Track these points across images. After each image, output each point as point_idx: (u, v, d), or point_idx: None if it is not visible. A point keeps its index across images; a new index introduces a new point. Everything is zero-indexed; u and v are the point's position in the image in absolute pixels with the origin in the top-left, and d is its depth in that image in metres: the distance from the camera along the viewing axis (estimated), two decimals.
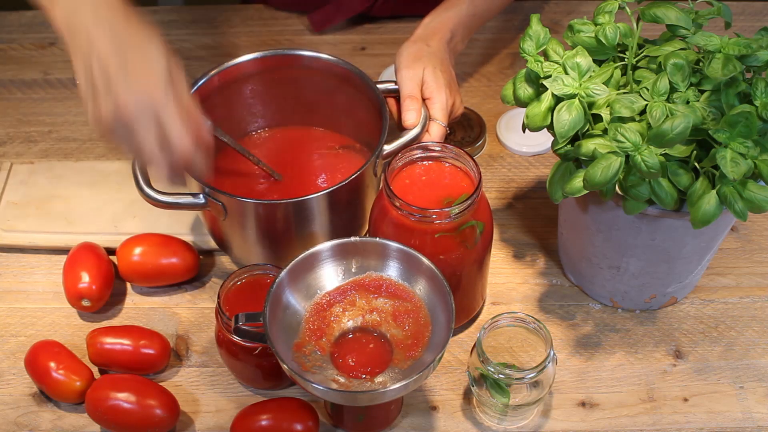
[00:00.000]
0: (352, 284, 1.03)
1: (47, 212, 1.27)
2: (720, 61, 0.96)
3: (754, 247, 1.25)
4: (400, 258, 1.02)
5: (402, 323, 1.01)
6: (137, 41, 0.89)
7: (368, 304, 1.02)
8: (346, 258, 1.03)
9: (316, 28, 1.52)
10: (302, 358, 0.98)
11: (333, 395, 0.95)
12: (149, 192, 1.08)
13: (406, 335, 1.00)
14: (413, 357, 0.98)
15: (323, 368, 0.98)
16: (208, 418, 1.09)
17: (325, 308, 1.02)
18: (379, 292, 1.03)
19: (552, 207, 1.17)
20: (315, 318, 1.01)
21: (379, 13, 1.53)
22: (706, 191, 0.94)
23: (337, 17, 1.52)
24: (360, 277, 1.03)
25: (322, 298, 1.02)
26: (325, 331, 1.01)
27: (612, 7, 1.03)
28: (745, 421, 1.08)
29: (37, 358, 1.09)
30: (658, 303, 1.17)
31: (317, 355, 0.99)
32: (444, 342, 0.95)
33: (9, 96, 1.46)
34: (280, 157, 1.25)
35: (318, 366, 0.98)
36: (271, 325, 0.96)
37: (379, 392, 0.93)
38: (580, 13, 1.53)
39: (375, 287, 1.03)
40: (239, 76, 1.22)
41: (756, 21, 1.54)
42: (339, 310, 1.02)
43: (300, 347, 0.99)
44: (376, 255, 1.02)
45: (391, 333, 1.01)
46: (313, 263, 1.02)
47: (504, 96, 1.07)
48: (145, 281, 1.20)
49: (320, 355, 0.99)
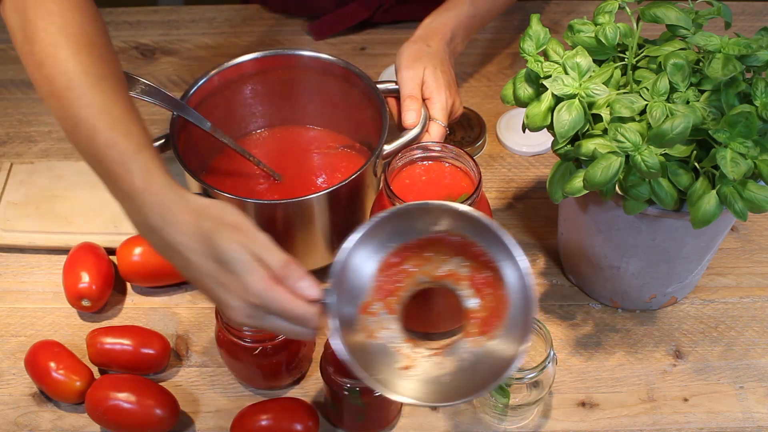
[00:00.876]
0: (428, 240, 0.94)
1: (47, 212, 1.27)
2: (720, 61, 0.96)
3: (754, 247, 1.25)
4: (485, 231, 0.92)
5: (481, 292, 0.94)
6: (216, 244, 0.87)
7: (445, 261, 0.95)
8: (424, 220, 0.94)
9: (317, 38, 1.52)
10: (367, 320, 0.93)
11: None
12: None
13: (483, 305, 0.94)
14: (488, 337, 0.92)
15: (390, 331, 0.93)
16: (208, 418, 1.09)
17: (398, 264, 0.95)
18: (460, 252, 0.94)
19: (552, 207, 1.17)
20: (384, 275, 0.94)
21: (379, 20, 1.53)
22: (706, 191, 0.94)
23: (337, 27, 1.52)
24: (439, 233, 0.94)
25: (394, 252, 0.94)
26: (396, 288, 0.95)
27: (612, 7, 1.03)
28: (745, 421, 1.08)
29: (37, 358, 1.09)
30: (658, 303, 1.17)
31: (384, 317, 0.93)
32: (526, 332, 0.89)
33: (9, 96, 1.46)
34: (280, 157, 1.25)
35: (384, 329, 0.93)
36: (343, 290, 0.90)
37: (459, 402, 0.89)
38: (580, 13, 1.53)
39: (457, 246, 0.94)
40: (239, 76, 1.22)
41: (756, 21, 1.54)
42: (413, 266, 0.95)
43: (366, 308, 0.93)
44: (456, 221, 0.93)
45: (467, 298, 0.94)
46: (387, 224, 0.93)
47: (504, 96, 1.07)
48: (145, 281, 1.20)
49: (387, 316, 0.94)
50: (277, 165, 1.23)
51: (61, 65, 0.90)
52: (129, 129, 0.89)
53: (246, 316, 0.87)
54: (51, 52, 0.90)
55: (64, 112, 0.90)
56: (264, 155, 1.25)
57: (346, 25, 1.52)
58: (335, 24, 1.52)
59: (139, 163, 0.88)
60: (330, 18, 1.51)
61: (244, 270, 0.85)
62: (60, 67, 0.90)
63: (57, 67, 0.90)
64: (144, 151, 0.89)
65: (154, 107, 1.11)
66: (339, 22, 1.51)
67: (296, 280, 0.87)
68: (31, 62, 0.92)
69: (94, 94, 0.89)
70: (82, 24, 0.92)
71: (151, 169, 0.88)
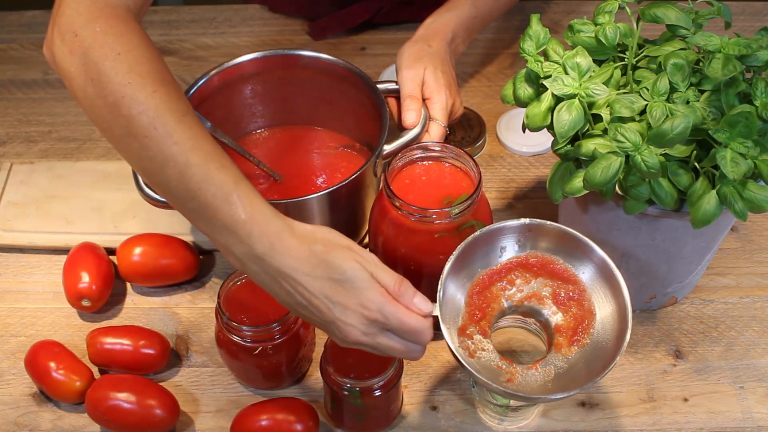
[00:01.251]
0: (513, 264, 1.01)
1: (47, 212, 1.27)
2: (720, 61, 0.96)
3: (754, 247, 1.25)
4: (560, 240, 1.00)
5: (565, 306, 0.99)
6: (333, 264, 0.89)
7: (528, 283, 1.01)
8: (509, 239, 1.01)
9: (316, 38, 1.52)
10: (466, 342, 0.97)
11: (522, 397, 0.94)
12: (149, 192, 1.08)
13: (568, 319, 0.99)
14: (578, 345, 0.97)
15: (487, 352, 0.97)
16: (208, 418, 1.10)
17: (485, 288, 1.00)
18: (541, 272, 1.01)
19: (552, 207, 1.16)
20: (475, 298, 1.00)
21: (380, 21, 1.53)
22: (706, 191, 0.94)
23: (338, 27, 1.52)
24: (521, 256, 1.01)
25: (481, 279, 1.00)
26: (486, 312, 0.99)
27: (612, 7, 1.03)
28: (745, 421, 1.08)
29: (37, 358, 1.09)
30: (658, 303, 1.17)
31: (480, 340, 0.98)
32: (624, 331, 0.94)
33: (9, 96, 1.46)
34: (280, 157, 1.25)
35: (482, 350, 0.97)
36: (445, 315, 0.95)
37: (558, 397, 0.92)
38: (580, 13, 1.53)
39: (537, 266, 1.01)
40: (239, 76, 1.22)
41: (756, 21, 1.54)
42: (498, 289, 1.00)
43: (463, 331, 0.98)
44: (539, 237, 1.01)
45: (552, 315, 0.99)
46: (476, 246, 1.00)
47: (504, 96, 1.07)
48: (145, 281, 1.20)
49: (482, 338, 0.98)
50: (277, 165, 1.23)
51: (142, 105, 0.88)
52: (222, 162, 0.89)
53: (362, 333, 0.89)
54: (128, 93, 0.88)
55: (149, 151, 0.89)
56: (264, 155, 1.25)
57: (346, 26, 1.52)
58: (335, 25, 1.52)
59: (240, 194, 0.88)
60: (330, 19, 1.51)
61: (364, 287, 0.88)
62: (140, 107, 0.88)
63: (137, 107, 0.88)
64: (241, 183, 0.89)
65: None
66: (339, 23, 1.52)
67: (411, 296, 0.90)
68: (102, 105, 0.89)
69: (181, 131, 0.88)
70: (151, 61, 0.91)
71: (253, 199, 0.89)
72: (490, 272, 1.01)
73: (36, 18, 1.58)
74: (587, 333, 0.98)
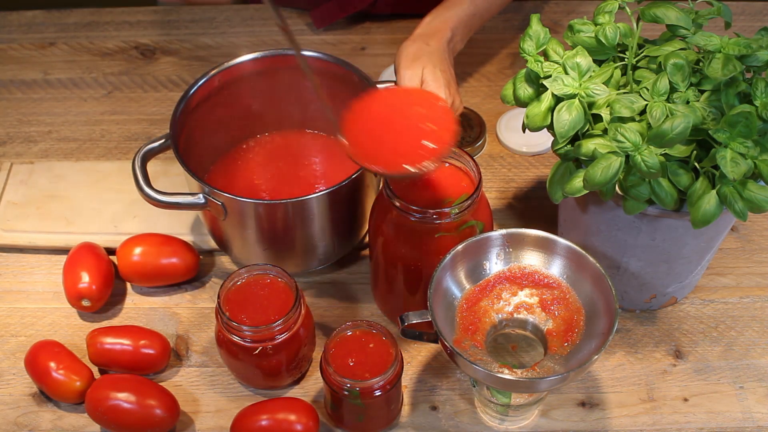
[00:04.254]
0: (497, 277, 1.03)
1: (47, 212, 1.27)
2: (720, 61, 0.96)
3: (754, 247, 1.25)
4: (538, 246, 1.03)
5: (551, 311, 1.02)
6: None
7: (514, 295, 1.03)
8: (488, 253, 1.04)
9: (318, 25, 1.52)
10: (464, 352, 0.98)
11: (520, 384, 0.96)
12: (149, 192, 1.09)
13: (557, 322, 1.01)
14: (571, 342, 0.99)
15: (485, 362, 0.98)
16: (208, 418, 1.10)
17: (474, 303, 1.02)
18: (524, 283, 1.03)
19: (552, 207, 1.16)
20: (466, 313, 1.02)
21: (381, 10, 1.53)
22: (706, 191, 0.94)
23: (339, 14, 1.52)
24: (503, 269, 1.04)
25: (470, 293, 1.03)
26: (478, 326, 1.01)
27: (612, 7, 1.03)
28: (745, 421, 1.08)
29: (37, 358, 1.09)
30: (658, 303, 1.17)
31: (476, 350, 0.99)
32: (610, 325, 0.96)
33: (9, 96, 1.46)
34: (279, 156, 1.25)
35: (479, 360, 0.98)
36: (439, 321, 0.97)
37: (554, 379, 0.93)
38: (580, 13, 1.53)
39: (519, 278, 1.03)
40: (239, 76, 1.22)
41: (756, 21, 1.54)
42: (487, 304, 1.03)
43: (459, 343, 0.99)
44: (517, 245, 1.03)
45: (541, 322, 1.01)
46: (459, 259, 1.02)
47: (504, 96, 1.06)
48: (145, 281, 1.20)
49: (479, 350, 0.99)
50: (277, 165, 1.23)
51: None
52: None
53: None
54: None
55: None
56: (264, 155, 1.25)
57: (347, 12, 1.51)
58: (337, 12, 1.52)
59: None
60: (331, 5, 1.51)
61: None
62: None
63: None
64: None
65: (156, 106, 1.11)
66: (340, 9, 1.51)
67: None
68: None
69: None
70: None
71: None
72: (477, 288, 1.03)
73: (36, 18, 1.58)
74: (579, 328, 0.99)
